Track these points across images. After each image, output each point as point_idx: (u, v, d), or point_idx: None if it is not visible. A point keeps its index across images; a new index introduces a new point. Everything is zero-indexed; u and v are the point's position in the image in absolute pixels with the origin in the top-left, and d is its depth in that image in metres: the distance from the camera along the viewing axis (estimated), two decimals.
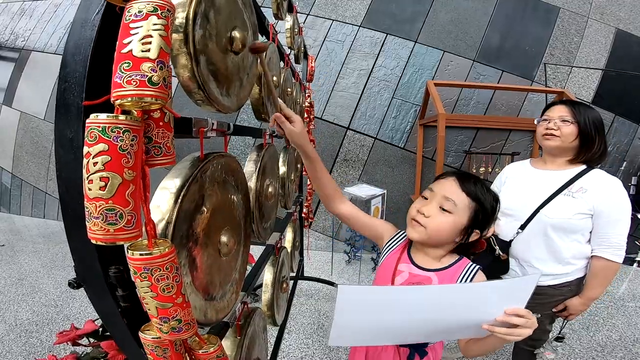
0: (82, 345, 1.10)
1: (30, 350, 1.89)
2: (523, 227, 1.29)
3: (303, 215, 2.24)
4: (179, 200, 0.50)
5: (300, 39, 1.86)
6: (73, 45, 0.36)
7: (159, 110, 0.36)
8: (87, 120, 0.31)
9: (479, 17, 3.50)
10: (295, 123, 0.85)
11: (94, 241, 0.32)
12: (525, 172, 1.38)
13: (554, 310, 1.32)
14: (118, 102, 0.31)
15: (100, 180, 0.31)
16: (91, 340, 1.12)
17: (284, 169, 1.41)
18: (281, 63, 1.37)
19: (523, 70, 3.49)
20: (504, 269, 1.37)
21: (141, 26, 0.32)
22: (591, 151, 1.22)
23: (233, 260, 0.74)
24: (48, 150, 4.18)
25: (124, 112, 0.33)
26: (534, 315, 0.67)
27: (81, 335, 1.09)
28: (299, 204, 1.98)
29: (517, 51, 3.51)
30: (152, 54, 0.32)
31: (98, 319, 1.14)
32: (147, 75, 0.31)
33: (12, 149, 4.41)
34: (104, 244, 0.32)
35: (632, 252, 3.59)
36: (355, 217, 0.99)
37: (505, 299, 0.66)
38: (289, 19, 1.55)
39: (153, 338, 0.41)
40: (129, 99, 0.31)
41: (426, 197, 0.85)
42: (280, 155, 1.44)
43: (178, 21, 0.49)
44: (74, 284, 0.72)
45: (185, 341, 0.46)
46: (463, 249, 0.89)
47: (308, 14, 3.48)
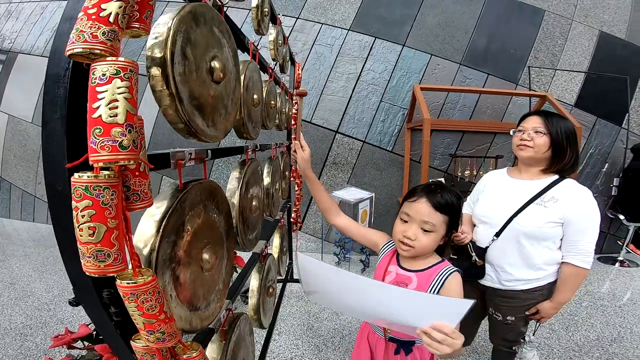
0: (77, 348, 1.13)
1: (26, 353, 1.93)
2: (498, 235, 1.36)
3: (292, 219, 2.29)
4: (161, 229, 0.55)
5: (285, 49, 1.90)
6: (50, 102, 0.40)
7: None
8: (72, 179, 0.36)
9: (466, 20, 3.54)
10: (306, 152, 1.10)
11: (88, 273, 0.39)
12: (502, 181, 1.45)
13: (526, 313, 1.39)
14: (96, 165, 0.37)
15: (89, 229, 0.37)
16: (86, 343, 1.16)
17: (268, 180, 1.45)
18: (264, 75, 1.41)
19: (508, 74, 3.56)
20: (480, 274, 1.44)
21: (106, 90, 0.36)
22: (563, 162, 1.28)
23: (216, 273, 0.79)
24: (36, 154, 4.15)
25: (104, 168, 0.38)
26: (460, 337, 0.70)
27: (76, 339, 1.13)
28: (286, 210, 2.03)
29: (503, 54, 3.57)
30: (120, 119, 0.37)
31: (92, 323, 1.18)
32: (118, 140, 0.36)
33: (0, 152, 4.38)
34: (97, 276, 0.39)
35: (614, 252, 3.70)
36: (350, 229, 1.16)
37: (436, 314, 0.70)
38: (272, 31, 1.58)
39: (143, 346, 0.49)
40: (105, 163, 0.36)
41: (405, 220, 0.96)
42: (265, 167, 1.48)
43: (156, 63, 0.52)
44: (73, 303, 0.81)
45: (171, 348, 0.54)
46: (440, 248, 1.04)
47: (297, 18, 3.50)
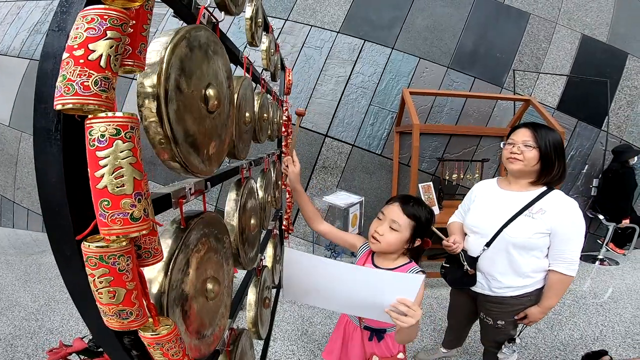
0: None
1: None
2: (488, 245, 1.40)
3: (283, 227, 2.28)
4: (169, 272, 0.55)
5: (277, 57, 1.87)
6: (44, 163, 0.36)
7: None
8: (84, 249, 0.35)
9: (454, 24, 3.57)
10: (297, 167, 1.23)
11: (111, 328, 0.39)
12: (492, 192, 1.48)
13: (515, 317, 1.44)
14: (110, 238, 0.35)
15: (108, 293, 0.36)
16: (81, 357, 1.14)
17: (262, 194, 1.44)
18: (257, 87, 1.39)
19: (494, 77, 3.61)
20: (472, 282, 1.48)
21: (108, 156, 0.33)
22: (551, 174, 1.32)
23: (220, 298, 0.78)
24: (14, 158, 3.99)
25: None
26: (419, 309, 0.86)
27: (71, 352, 1.11)
28: (278, 219, 2.02)
29: (489, 58, 3.61)
30: (128, 189, 0.34)
31: (85, 336, 1.16)
32: (129, 212, 0.34)
33: None
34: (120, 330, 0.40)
35: (594, 250, 3.83)
36: (331, 234, 1.32)
37: (398, 290, 0.84)
38: (264, 40, 1.55)
39: None
40: (118, 237, 0.35)
41: (380, 219, 1.13)
42: (258, 180, 1.47)
43: (149, 101, 0.48)
44: (94, 348, 0.91)
45: None
46: (415, 253, 1.18)
47: (286, 20, 3.45)
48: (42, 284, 2.83)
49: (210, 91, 0.65)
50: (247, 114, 1.09)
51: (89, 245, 0.34)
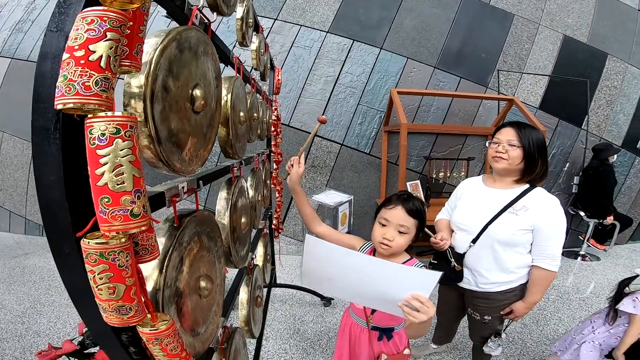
0: None
1: None
2: (474, 241, 1.43)
3: (273, 226, 2.29)
4: (164, 269, 0.56)
5: (266, 56, 1.88)
6: (43, 162, 0.37)
7: None
8: (83, 246, 0.35)
9: (441, 24, 3.61)
10: (301, 168, 1.19)
11: (111, 324, 0.40)
12: (478, 190, 1.52)
13: (501, 313, 1.48)
14: (108, 234, 0.36)
15: (108, 289, 0.37)
16: (71, 359, 1.13)
17: (252, 193, 1.45)
18: (247, 87, 1.40)
19: (479, 77, 3.68)
20: (459, 277, 1.51)
21: (109, 154, 0.34)
22: (534, 172, 1.36)
23: (213, 296, 0.79)
24: None
25: None
26: (433, 306, 0.86)
27: (61, 355, 1.10)
28: (268, 218, 2.02)
29: (474, 58, 3.67)
30: (128, 186, 0.35)
31: (75, 337, 1.15)
32: (129, 209, 0.35)
33: None
34: (120, 326, 0.41)
35: (576, 246, 3.95)
36: (330, 236, 1.28)
37: (413, 285, 0.85)
38: (254, 40, 1.56)
39: None
40: (118, 233, 0.36)
41: (384, 224, 1.12)
42: (248, 179, 1.48)
43: (135, 100, 0.48)
44: (91, 344, 0.90)
45: None
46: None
47: (276, 19, 3.45)
48: (27, 286, 2.77)
49: (197, 91, 0.65)
50: (242, 114, 1.10)
51: (89, 242, 0.35)
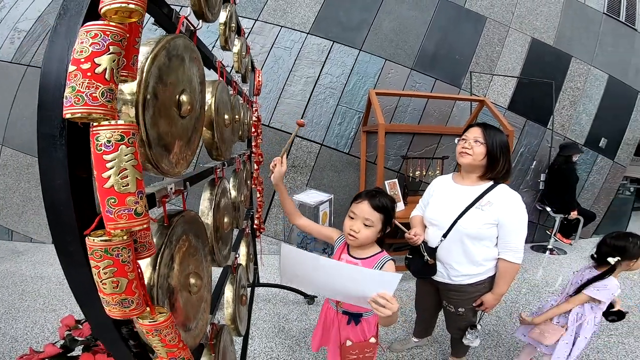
0: None
1: None
2: (445, 236, 1.52)
3: (255, 226, 2.31)
4: (157, 266, 0.59)
5: (247, 58, 1.90)
6: (49, 166, 0.39)
7: None
8: (88, 243, 0.38)
9: (418, 27, 3.69)
10: (284, 167, 1.32)
11: (113, 317, 0.43)
12: (448, 187, 1.61)
13: (473, 304, 1.58)
14: (114, 232, 0.39)
15: (112, 283, 0.41)
16: None
17: (234, 193, 1.48)
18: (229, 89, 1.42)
19: (453, 79, 3.80)
20: (433, 271, 1.59)
21: (115, 159, 0.38)
22: (496, 169, 1.46)
23: (202, 293, 0.82)
24: None
25: None
26: (396, 302, 0.96)
27: (44, 358, 1.09)
28: (250, 218, 2.05)
29: (449, 60, 3.78)
30: (132, 188, 0.39)
31: (57, 341, 1.14)
32: (133, 209, 0.39)
33: None
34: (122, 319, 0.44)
35: (544, 241, 4.18)
36: (310, 227, 1.44)
37: (378, 285, 0.96)
38: (236, 43, 1.58)
39: None
40: (123, 230, 0.39)
41: (352, 217, 1.24)
42: (230, 180, 1.50)
43: (127, 106, 0.51)
44: (93, 340, 0.97)
45: None
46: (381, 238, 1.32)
47: (256, 20, 3.44)
48: (0, 292, 2.67)
49: (184, 97, 0.68)
50: (227, 117, 1.13)
51: (94, 240, 0.39)
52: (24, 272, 3.01)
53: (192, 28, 0.78)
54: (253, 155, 2.17)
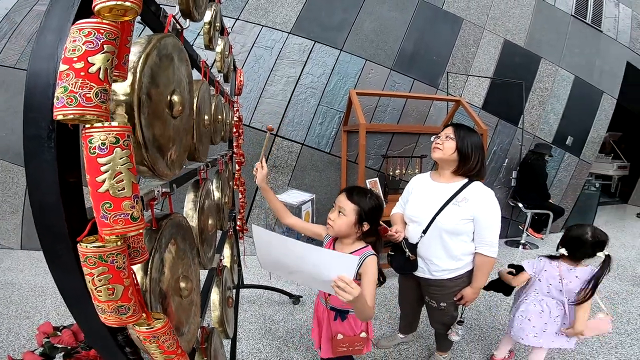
0: None
1: None
2: (425, 232, 1.57)
3: (237, 227, 2.28)
4: (148, 270, 0.57)
5: (230, 58, 1.88)
6: (37, 169, 0.37)
7: None
8: (81, 250, 0.37)
9: (398, 27, 3.74)
10: (264, 170, 1.43)
11: (109, 325, 0.42)
12: (426, 184, 1.67)
13: (454, 299, 1.63)
14: (108, 238, 0.38)
15: (107, 290, 0.39)
16: None
17: (218, 194, 1.45)
18: (211, 89, 1.40)
19: (430, 79, 3.89)
20: (414, 267, 1.64)
21: (110, 162, 0.36)
22: (468, 165, 1.52)
23: (192, 297, 0.81)
24: None
25: None
26: (357, 287, 0.98)
27: None
28: (232, 220, 2.02)
29: (426, 61, 3.86)
30: (127, 192, 0.38)
31: (37, 349, 1.09)
32: (129, 213, 0.37)
33: None
34: (117, 326, 0.42)
35: (517, 236, 4.35)
36: (299, 225, 1.50)
37: (339, 268, 0.97)
38: (219, 42, 1.55)
39: None
40: (118, 236, 0.38)
41: (333, 207, 1.31)
42: (214, 181, 1.48)
43: (122, 109, 0.49)
44: (86, 347, 0.94)
45: None
46: (373, 243, 1.33)
47: (237, 19, 3.38)
48: None
49: (175, 97, 0.67)
50: (207, 117, 1.11)
51: (87, 246, 0.37)
52: None
53: (179, 27, 0.76)
54: (235, 155, 2.15)
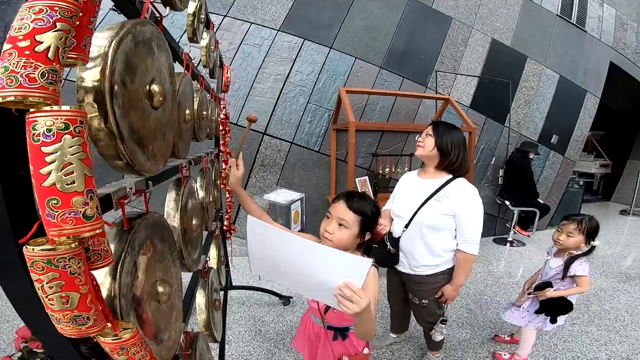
0: None
1: None
2: (407, 226, 1.59)
3: (225, 227, 2.23)
4: (117, 275, 0.52)
5: (216, 53, 1.82)
6: None
7: None
8: (27, 254, 0.32)
9: (388, 26, 3.73)
10: (240, 171, 1.20)
11: (68, 336, 0.37)
12: (412, 181, 1.69)
13: (435, 296, 1.64)
14: (58, 240, 0.33)
15: (61, 298, 0.34)
16: None
17: (202, 194, 1.40)
18: (196, 84, 1.35)
19: (419, 78, 3.89)
20: (395, 260, 1.66)
21: (56, 152, 0.32)
22: (449, 160, 1.54)
23: (172, 302, 0.76)
24: None
25: None
26: (365, 297, 0.82)
27: None
28: (219, 220, 1.97)
29: (416, 59, 3.87)
30: (79, 186, 0.33)
31: (14, 353, 1.03)
32: (81, 211, 0.33)
33: None
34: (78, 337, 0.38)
35: (505, 233, 4.39)
36: None
37: (347, 273, 0.82)
38: (205, 36, 1.50)
39: None
40: (69, 237, 0.33)
41: (328, 217, 1.13)
42: (198, 180, 1.43)
43: (92, 97, 0.46)
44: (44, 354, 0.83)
45: None
46: (366, 248, 1.20)
47: (225, 16, 3.30)
48: None
49: (155, 87, 0.63)
50: (188, 111, 1.06)
51: (33, 249, 0.32)
52: None
53: (158, 15, 0.71)
54: (221, 153, 2.09)
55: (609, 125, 7.09)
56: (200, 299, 1.26)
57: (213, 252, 1.79)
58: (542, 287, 1.79)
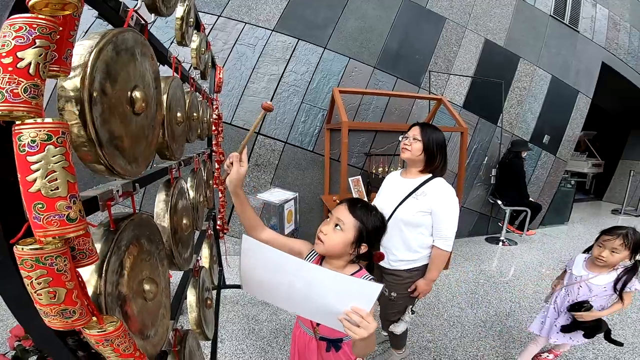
0: None
1: None
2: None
3: (218, 227, 2.25)
4: (103, 273, 0.55)
5: (207, 55, 1.84)
6: None
7: None
8: (17, 253, 0.35)
9: (382, 26, 3.75)
10: (243, 168, 0.99)
11: (55, 328, 0.40)
12: (395, 180, 1.75)
13: (408, 290, 1.70)
14: (44, 240, 0.36)
15: (48, 294, 0.37)
16: None
17: (193, 194, 1.43)
18: (186, 86, 1.37)
19: (413, 78, 3.92)
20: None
21: (41, 161, 0.35)
22: (434, 164, 1.60)
23: (159, 299, 0.79)
24: None
25: None
26: (374, 322, 0.79)
27: None
28: (212, 219, 1.99)
29: (409, 59, 3.89)
30: (62, 192, 0.36)
31: (8, 352, 1.05)
32: (65, 214, 0.36)
33: None
34: (65, 330, 0.41)
35: (497, 232, 4.44)
36: (276, 242, 1.13)
37: (354, 298, 0.78)
38: (195, 38, 1.52)
39: None
40: (54, 237, 0.36)
41: (328, 219, 1.07)
42: (188, 180, 1.45)
43: (72, 105, 0.48)
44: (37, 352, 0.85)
45: None
46: (367, 264, 1.13)
47: (219, 16, 3.31)
48: None
49: (137, 93, 0.66)
50: (179, 114, 1.08)
51: (23, 249, 0.35)
52: None
53: (143, 22, 0.74)
54: (214, 154, 2.11)
55: (602, 125, 7.17)
56: (191, 297, 1.29)
57: (205, 252, 1.81)
58: (579, 307, 1.69)
